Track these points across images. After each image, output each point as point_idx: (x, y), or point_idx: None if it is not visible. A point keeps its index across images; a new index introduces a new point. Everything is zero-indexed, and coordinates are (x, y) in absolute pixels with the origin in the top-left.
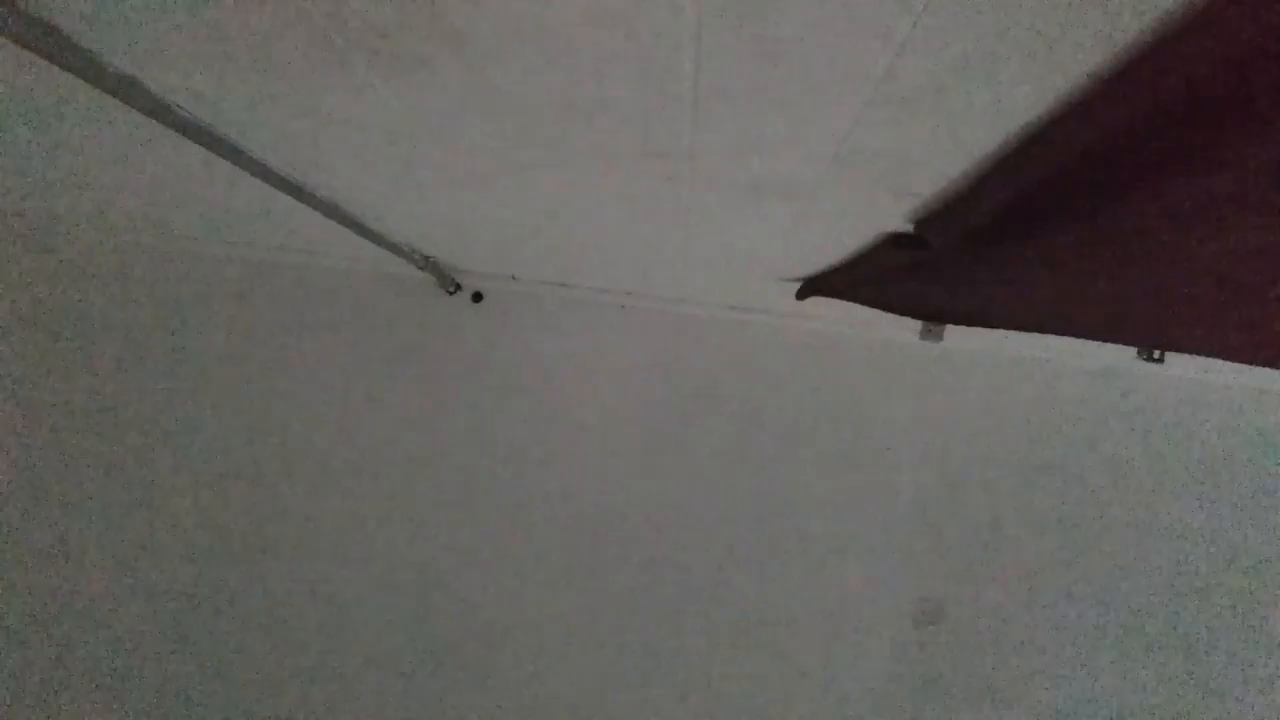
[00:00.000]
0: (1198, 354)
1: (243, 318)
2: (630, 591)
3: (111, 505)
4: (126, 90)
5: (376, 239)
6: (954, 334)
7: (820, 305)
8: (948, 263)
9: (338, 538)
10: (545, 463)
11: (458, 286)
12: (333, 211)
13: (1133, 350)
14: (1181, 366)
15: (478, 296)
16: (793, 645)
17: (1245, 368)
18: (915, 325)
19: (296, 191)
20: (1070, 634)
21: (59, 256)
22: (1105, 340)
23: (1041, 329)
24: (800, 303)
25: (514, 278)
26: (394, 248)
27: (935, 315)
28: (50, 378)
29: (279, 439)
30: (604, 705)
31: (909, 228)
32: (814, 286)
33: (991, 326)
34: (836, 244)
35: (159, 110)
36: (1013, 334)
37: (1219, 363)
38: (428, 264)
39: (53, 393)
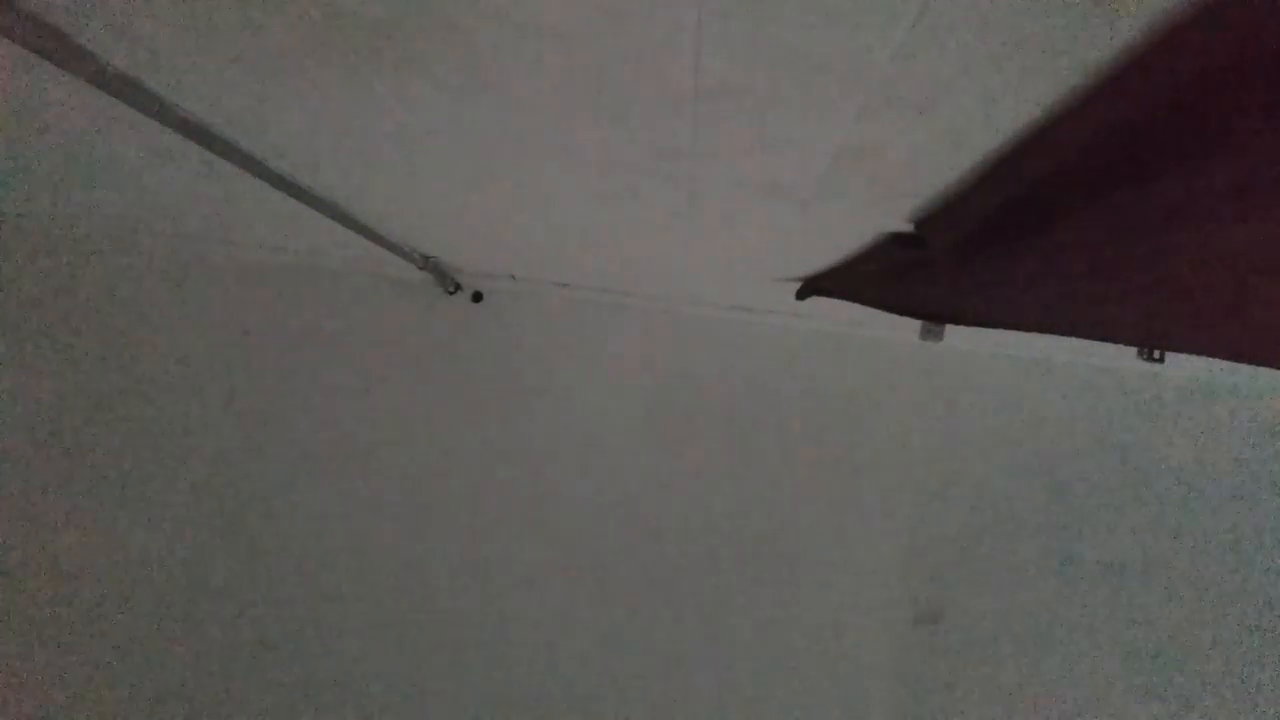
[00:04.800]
0: (1198, 354)
1: (242, 318)
2: (629, 591)
3: (108, 507)
4: (126, 90)
5: (376, 239)
6: (954, 334)
7: (820, 305)
8: (948, 262)
9: (337, 538)
10: (545, 463)
11: (458, 286)
12: (333, 211)
13: (1133, 350)
14: (1181, 366)
15: (478, 296)
16: (792, 645)
17: (1245, 368)
18: (915, 325)
19: (296, 191)
20: (1069, 634)
21: (57, 257)
22: (1105, 340)
23: (1041, 329)
24: (800, 303)
25: (514, 278)
26: (394, 248)
27: (935, 315)
28: (48, 377)
29: (278, 439)
30: (603, 705)
31: (909, 228)
32: (814, 286)
33: (992, 326)
34: (836, 244)
35: (159, 110)
36: (1013, 334)
37: (1219, 363)
38: (428, 264)
39: (51, 393)
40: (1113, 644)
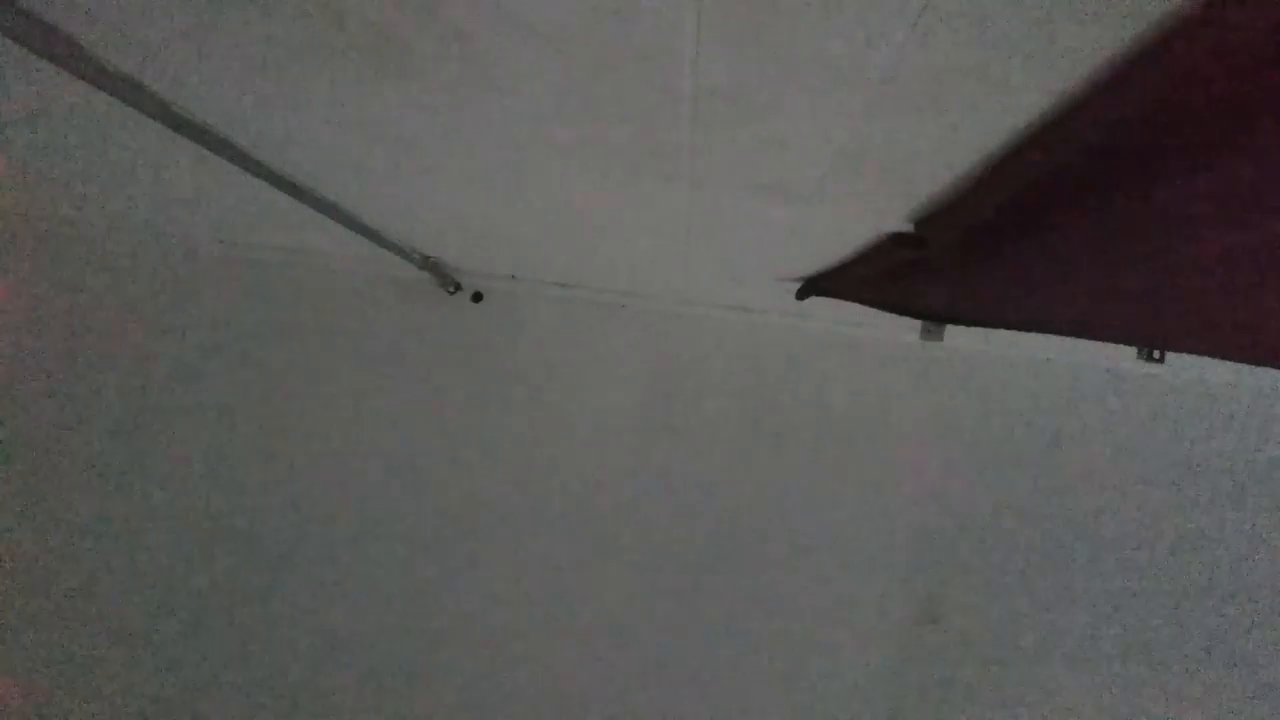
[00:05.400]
0: (1198, 354)
1: (243, 318)
2: (629, 591)
3: (108, 506)
4: (127, 90)
5: (376, 239)
6: (954, 334)
7: (820, 305)
8: (948, 262)
9: (336, 538)
10: (545, 462)
11: (458, 286)
12: (333, 211)
13: (1133, 350)
14: (1181, 366)
15: (478, 296)
16: (792, 645)
17: (1245, 368)
18: (915, 325)
19: (296, 191)
20: (1070, 634)
21: (59, 256)
22: (1105, 340)
23: (1041, 329)
24: (800, 303)
25: (514, 278)
26: (394, 248)
27: (935, 315)
28: (49, 377)
29: (278, 438)
30: (602, 703)
31: (909, 228)
32: (814, 286)
33: (992, 326)
34: (836, 244)
35: (159, 110)
36: (1013, 334)
37: (1219, 363)
38: (428, 264)
39: (52, 392)
40: (1112, 643)
